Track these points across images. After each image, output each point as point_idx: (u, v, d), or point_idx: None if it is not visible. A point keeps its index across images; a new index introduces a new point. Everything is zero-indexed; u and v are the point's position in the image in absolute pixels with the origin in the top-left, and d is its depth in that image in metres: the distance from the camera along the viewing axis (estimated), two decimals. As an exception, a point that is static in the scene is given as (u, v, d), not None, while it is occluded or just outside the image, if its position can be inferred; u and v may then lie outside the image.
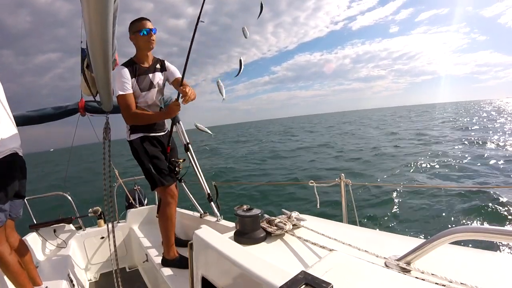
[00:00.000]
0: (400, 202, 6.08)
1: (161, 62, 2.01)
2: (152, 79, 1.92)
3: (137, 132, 1.92)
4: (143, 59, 1.90)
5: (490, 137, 14.53)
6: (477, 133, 16.92)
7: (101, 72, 1.31)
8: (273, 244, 0.96)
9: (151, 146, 1.94)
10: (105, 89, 1.55)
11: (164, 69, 2.01)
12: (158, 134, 2.01)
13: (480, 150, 11.09)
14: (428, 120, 34.25)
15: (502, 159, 8.87)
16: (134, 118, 1.84)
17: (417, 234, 4.65)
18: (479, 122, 24.74)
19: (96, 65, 1.25)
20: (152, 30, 1.82)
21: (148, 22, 1.81)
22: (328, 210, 5.58)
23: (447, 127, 22.08)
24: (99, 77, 1.40)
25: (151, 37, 1.84)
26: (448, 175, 7.94)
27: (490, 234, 0.59)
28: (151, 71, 1.92)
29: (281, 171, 11.09)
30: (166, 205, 1.92)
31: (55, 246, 2.55)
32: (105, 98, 1.66)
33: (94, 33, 0.98)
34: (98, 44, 1.06)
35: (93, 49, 1.11)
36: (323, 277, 0.58)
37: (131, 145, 1.93)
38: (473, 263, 0.73)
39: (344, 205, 2.24)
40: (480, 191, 6.14)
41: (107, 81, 1.47)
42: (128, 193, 3.44)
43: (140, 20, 1.81)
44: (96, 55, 1.15)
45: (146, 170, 1.90)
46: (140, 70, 1.88)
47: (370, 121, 43.32)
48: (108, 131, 1.84)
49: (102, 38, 1.01)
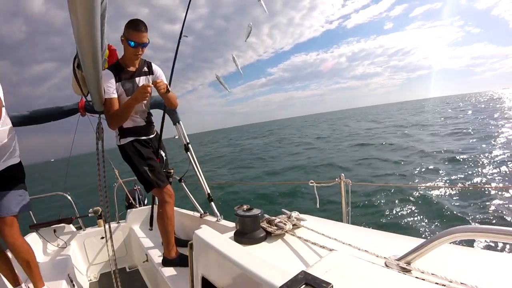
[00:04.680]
0: (400, 202, 6.08)
1: (148, 64, 1.98)
2: (138, 83, 1.89)
3: (126, 136, 1.91)
4: (129, 63, 1.87)
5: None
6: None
7: (91, 71, 1.30)
8: (273, 244, 0.96)
9: (144, 148, 1.94)
10: (95, 88, 1.54)
11: (151, 72, 1.97)
12: (148, 137, 2.01)
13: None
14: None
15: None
16: (111, 118, 1.78)
17: (417, 234, 4.65)
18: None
19: (86, 65, 1.23)
20: (142, 45, 1.77)
21: (142, 34, 1.75)
22: (328, 210, 5.58)
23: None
24: (89, 77, 1.39)
25: (138, 51, 1.79)
26: (449, 174, 7.94)
27: (490, 234, 0.59)
28: (137, 75, 1.90)
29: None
30: (165, 205, 1.92)
31: (55, 246, 2.55)
32: (96, 98, 1.66)
33: (81, 33, 0.97)
34: (86, 44, 1.05)
35: (82, 49, 1.10)
36: (323, 277, 0.58)
37: (122, 149, 1.92)
38: (473, 263, 0.73)
39: (344, 205, 2.24)
40: (480, 191, 6.14)
41: (97, 81, 1.46)
42: (128, 193, 3.44)
43: (136, 28, 1.73)
44: (85, 55, 1.14)
45: (141, 173, 1.88)
46: (126, 74, 1.85)
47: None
48: (101, 131, 1.85)
49: (90, 38, 1.00)
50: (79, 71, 1.52)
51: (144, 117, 2.01)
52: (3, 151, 1.59)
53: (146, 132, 2.00)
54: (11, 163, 1.64)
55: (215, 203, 2.29)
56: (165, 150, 2.20)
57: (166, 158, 2.19)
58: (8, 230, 1.58)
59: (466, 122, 20.79)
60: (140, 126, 1.97)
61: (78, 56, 1.27)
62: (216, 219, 2.20)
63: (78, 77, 1.56)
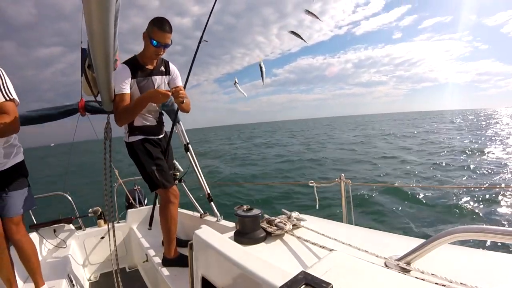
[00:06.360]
0: (400, 202, 6.08)
1: (166, 63, 1.95)
2: (154, 82, 1.87)
3: (136, 134, 1.89)
4: (148, 61, 1.83)
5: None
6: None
7: (102, 72, 1.31)
8: (273, 244, 0.96)
9: (153, 147, 1.92)
10: (106, 89, 1.54)
11: (167, 73, 1.95)
12: (157, 137, 2.00)
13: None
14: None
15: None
16: (120, 114, 1.70)
17: (417, 234, 4.65)
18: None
19: (97, 66, 1.24)
20: (165, 46, 1.74)
21: (167, 35, 1.70)
22: (328, 210, 5.58)
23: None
24: (100, 78, 1.39)
25: (160, 51, 1.75)
26: (449, 174, 7.94)
27: (490, 234, 0.59)
28: (154, 73, 1.87)
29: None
30: (170, 205, 1.91)
31: (55, 246, 2.55)
32: (106, 99, 1.66)
33: (95, 34, 0.98)
34: (99, 44, 1.05)
35: (94, 50, 1.10)
36: (323, 277, 0.58)
37: (130, 147, 1.89)
38: (473, 263, 0.73)
39: (344, 205, 2.24)
40: (480, 191, 6.14)
41: (108, 82, 1.47)
42: (128, 193, 3.44)
43: (162, 28, 1.67)
44: (97, 55, 1.14)
45: (148, 173, 1.86)
46: (143, 71, 1.81)
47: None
48: (109, 131, 1.84)
49: (103, 39, 1.01)
50: (89, 71, 1.53)
51: (156, 117, 1.99)
52: (11, 148, 1.62)
53: (156, 132, 1.98)
54: (19, 160, 1.66)
55: (215, 203, 2.30)
56: (172, 151, 2.19)
57: (174, 160, 2.20)
58: (15, 228, 1.61)
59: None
60: (151, 126, 1.95)
61: (90, 57, 1.27)
62: (216, 219, 2.20)
63: (89, 78, 1.57)
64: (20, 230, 1.64)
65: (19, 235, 1.63)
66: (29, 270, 1.76)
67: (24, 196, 1.67)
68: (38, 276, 1.77)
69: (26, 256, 1.70)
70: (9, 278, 1.63)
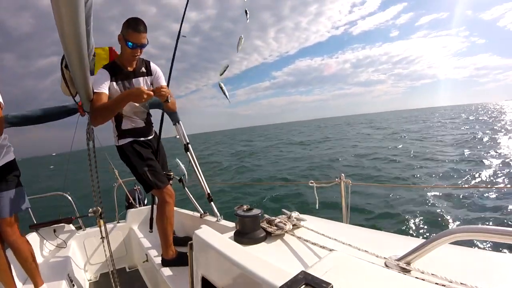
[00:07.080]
0: (400, 202, 6.08)
1: (146, 64, 1.92)
2: (135, 83, 1.84)
3: (125, 137, 1.89)
4: (127, 63, 1.82)
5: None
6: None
7: (78, 71, 1.29)
8: (273, 244, 0.96)
9: (143, 148, 1.92)
10: (83, 89, 1.53)
11: (149, 73, 1.93)
12: (147, 138, 2.00)
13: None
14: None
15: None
16: (96, 112, 1.64)
17: (417, 234, 4.65)
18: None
19: (72, 65, 1.23)
20: (141, 46, 1.72)
21: (142, 35, 1.68)
22: (328, 210, 5.58)
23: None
24: (76, 77, 1.38)
25: (136, 52, 1.74)
26: (449, 175, 7.94)
27: (490, 234, 0.59)
28: (135, 75, 1.86)
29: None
30: (165, 205, 1.91)
31: (55, 246, 2.55)
32: (84, 98, 1.64)
33: (66, 34, 0.97)
34: (71, 44, 1.05)
35: (67, 49, 1.10)
36: (323, 277, 0.58)
37: (121, 150, 1.89)
38: (473, 263, 0.73)
39: (344, 205, 2.23)
40: (480, 191, 6.14)
41: (85, 81, 1.45)
42: (128, 193, 3.44)
43: (135, 28, 1.66)
44: (71, 55, 1.14)
45: (140, 174, 1.86)
46: (123, 74, 1.80)
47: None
48: (92, 132, 1.85)
49: (75, 38, 1.00)
50: (67, 71, 1.51)
51: (144, 118, 1.99)
52: (0, 149, 1.60)
53: (145, 133, 1.98)
54: (9, 159, 1.64)
55: (215, 203, 2.29)
56: (164, 151, 2.19)
57: (165, 160, 2.19)
58: (9, 229, 1.60)
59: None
60: (139, 128, 1.95)
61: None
62: (216, 219, 2.20)
63: (66, 78, 1.55)
64: (14, 232, 1.62)
65: (14, 236, 1.62)
66: (27, 271, 1.75)
67: (16, 196, 1.65)
68: (37, 276, 1.77)
69: (23, 257, 1.69)
70: (6, 280, 1.63)
